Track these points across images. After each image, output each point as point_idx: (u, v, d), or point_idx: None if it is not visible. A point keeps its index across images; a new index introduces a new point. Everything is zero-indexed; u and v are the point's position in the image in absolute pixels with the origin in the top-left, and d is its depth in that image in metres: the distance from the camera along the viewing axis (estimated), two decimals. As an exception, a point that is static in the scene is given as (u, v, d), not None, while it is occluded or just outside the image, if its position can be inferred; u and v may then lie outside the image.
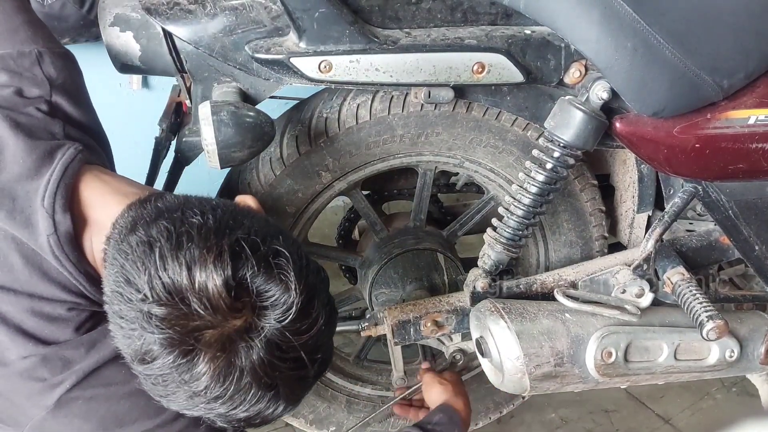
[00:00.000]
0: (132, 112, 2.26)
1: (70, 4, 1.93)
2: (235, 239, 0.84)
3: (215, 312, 0.81)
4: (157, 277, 0.81)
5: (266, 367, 0.84)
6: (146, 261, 0.83)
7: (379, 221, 1.54)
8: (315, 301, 0.88)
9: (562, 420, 1.89)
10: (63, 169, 0.94)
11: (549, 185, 1.24)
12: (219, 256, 0.82)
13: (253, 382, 0.84)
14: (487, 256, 1.32)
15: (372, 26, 1.13)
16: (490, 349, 1.27)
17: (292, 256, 0.86)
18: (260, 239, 0.86)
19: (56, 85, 1.06)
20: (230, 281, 0.81)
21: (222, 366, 0.83)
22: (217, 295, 0.81)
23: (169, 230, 0.85)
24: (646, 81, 1.11)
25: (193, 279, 0.81)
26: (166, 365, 0.82)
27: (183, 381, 0.83)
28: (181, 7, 1.13)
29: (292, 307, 0.84)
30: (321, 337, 0.90)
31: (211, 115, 1.10)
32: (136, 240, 0.85)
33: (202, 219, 0.86)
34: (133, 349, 0.84)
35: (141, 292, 0.82)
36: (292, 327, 0.85)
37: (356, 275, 1.65)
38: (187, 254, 0.82)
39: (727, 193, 1.27)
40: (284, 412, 0.93)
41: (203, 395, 0.84)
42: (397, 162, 1.38)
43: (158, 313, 0.81)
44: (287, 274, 0.84)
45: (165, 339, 0.81)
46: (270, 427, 1.79)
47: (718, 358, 1.32)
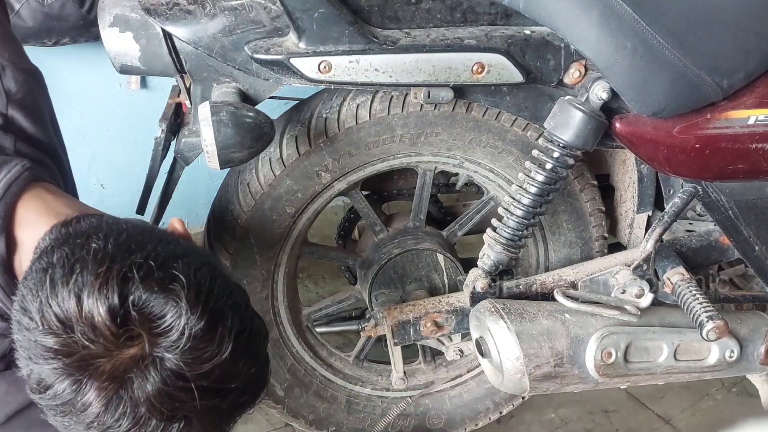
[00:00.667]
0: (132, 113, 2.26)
1: (70, 4, 1.93)
2: (128, 264, 0.81)
3: (103, 339, 0.79)
4: (47, 305, 0.79)
5: (164, 397, 0.80)
6: (39, 289, 0.81)
7: (379, 221, 1.54)
8: (219, 328, 0.83)
9: (562, 420, 1.89)
10: (5, 188, 0.92)
11: (549, 185, 1.24)
12: (105, 282, 0.79)
13: (151, 414, 0.81)
14: (486, 257, 1.32)
15: (371, 26, 1.13)
16: (490, 350, 1.27)
17: (190, 281, 0.82)
18: (158, 264, 0.83)
19: (14, 99, 1.05)
20: (116, 308, 0.79)
21: (111, 396, 0.79)
22: (101, 323, 0.78)
23: (67, 257, 0.83)
24: (645, 81, 1.11)
25: (81, 307, 0.78)
26: (59, 395, 0.80)
27: (75, 412, 0.80)
28: (181, 7, 1.13)
29: (184, 333, 0.80)
30: (233, 367, 0.85)
31: (211, 116, 1.10)
32: (37, 267, 0.84)
33: (102, 244, 0.84)
34: (30, 379, 0.82)
35: (33, 320, 0.80)
36: (191, 355, 0.81)
37: (356, 275, 1.65)
38: (78, 280, 0.80)
39: (727, 193, 1.27)
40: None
41: (96, 427, 0.81)
42: (396, 162, 1.38)
43: (46, 342, 0.79)
44: (178, 300, 0.80)
45: (53, 369, 0.79)
46: (270, 426, 1.80)
47: (718, 358, 1.32)
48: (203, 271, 0.86)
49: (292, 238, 1.43)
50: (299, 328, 1.59)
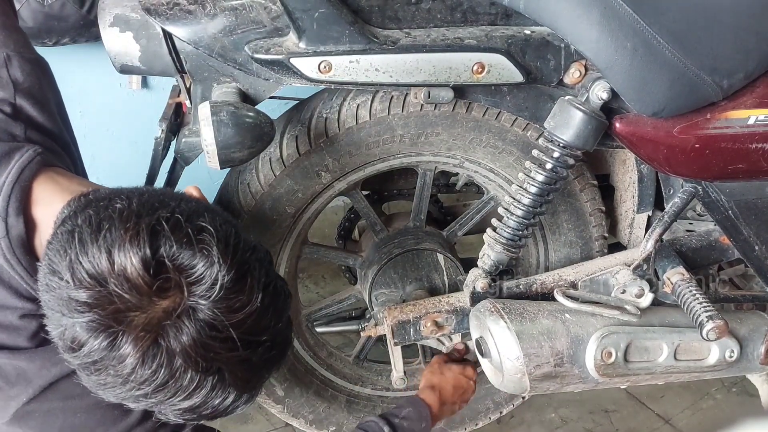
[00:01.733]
0: (132, 112, 2.26)
1: (70, 4, 1.93)
2: (155, 218, 0.83)
3: (137, 292, 0.80)
4: (77, 262, 0.81)
5: (198, 347, 0.82)
6: (68, 248, 0.82)
7: (379, 221, 1.54)
8: (248, 279, 0.86)
9: (562, 420, 1.89)
10: (19, 171, 0.94)
11: (549, 185, 1.24)
12: (136, 234, 0.81)
13: (188, 365, 0.82)
14: (486, 257, 1.32)
15: (372, 26, 1.13)
16: (490, 350, 1.27)
17: (218, 233, 0.85)
18: (184, 218, 0.85)
19: (21, 88, 1.06)
20: (148, 259, 0.80)
21: (147, 346, 0.80)
22: (135, 274, 0.79)
23: (92, 217, 0.84)
24: (646, 81, 1.11)
25: (112, 261, 0.80)
26: (93, 351, 0.81)
27: (111, 366, 0.81)
28: (181, 7, 1.13)
29: (217, 282, 0.82)
30: (262, 318, 0.87)
31: (211, 116, 1.10)
32: (62, 230, 0.85)
33: (126, 203, 0.86)
34: (62, 339, 0.83)
35: (63, 279, 0.81)
36: (223, 304, 0.82)
37: (356, 275, 1.65)
38: (107, 237, 0.81)
39: (727, 193, 1.27)
40: (240, 402, 0.90)
41: (133, 380, 0.82)
42: (397, 162, 1.38)
43: (79, 297, 0.80)
44: (209, 249, 0.82)
45: (88, 323, 0.80)
46: (270, 426, 1.80)
47: (718, 358, 1.32)
48: (227, 225, 0.88)
49: (292, 238, 1.43)
50: (299, 328, 1.59)
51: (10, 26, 1.13)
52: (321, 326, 1.89)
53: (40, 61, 1.14)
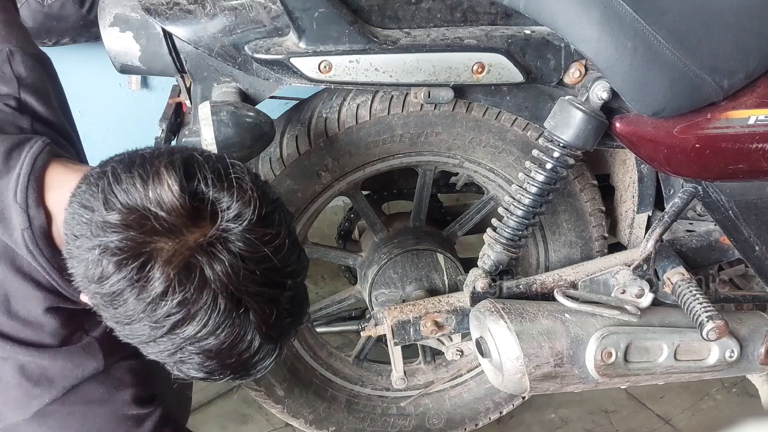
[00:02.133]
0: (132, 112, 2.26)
1: (70, 4, 1.93)
2: (188, 153, 0.85)
3: (172, 216, 0.80)
4: (111, 192, 0.81)
5: (231, 276, 0.81)
6: (100, 182, 0.82)
7: (379, 221, 1.54)
8: (275, 215, 0.86)
9: (561, 420, 1.89)
10: (32, 161, 0.94)
11: (549, 185, 1.24)
12: (171, 164, 0.81)
13: (219, 294, 0.81)
14: (486, 257, 1.32)
15: (372, 26, 1.13)
16: (490, 350, 1.27)
17: (248, 170, 0.86)
18: (214, 155, 0.87)
19: (25, 83, 1.07)
20: (184, 185, 0.80)
21: (180, 269, 0.80)
22: (172, 198, 0.80)
23: (124, 158, 0.85)
24: (646, 81, 1.11)
25: (148, 188, 0.80)
26: (123, 277, 0.80)
27: (140, 290, 0.80)
28: (181, 7, 1.13)
29: (249, 208, 0.82)
30: (288, 259, 0.87)
31: (211, 115, 1.10)
32: (93, 173, 0.86)
33: (153, 148, 0.87)
34: (90, 271, 0.82)
35: (96, 210, 0.81)
36: (254, 233, 0.83)
37: (356, 275, 1.65)
38: (141, 168, 0.82)
39: (727, 193, 1.27)
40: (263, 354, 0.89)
41: (161, 308, 0.80)
42: (396, 162, 1.38)
43: (113, 219, 0.80)
44: (242, 179, 0.84)
45: (121, 242, 0.79)
46: (270, 426, 1.80)
47: (718, 358, 1.32)
48: (256, 173, 0.90)
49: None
50: (299, 328, 1.58)
51: (12, 22, 1.14)
52: (321, 326, 1.89)
53: (42, 56, 1.14)
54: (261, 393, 1.55)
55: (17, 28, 1.14)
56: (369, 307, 1.57)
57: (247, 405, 1.85)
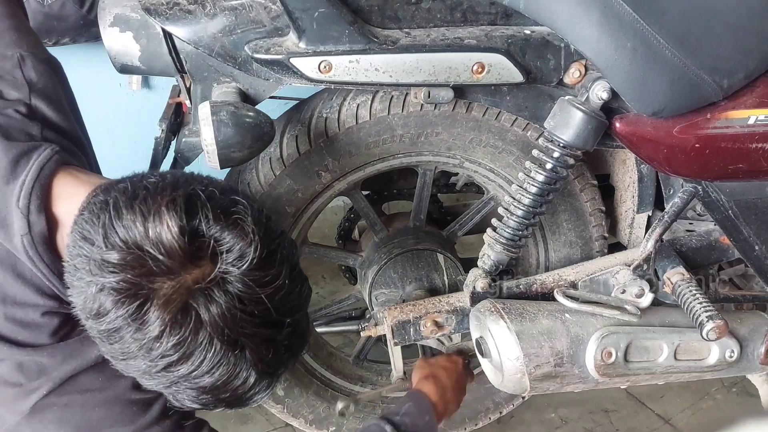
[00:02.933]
0: (132, 112, 2.26)
1: (70, 4, 1.93)
2: (191, 189, 0.84)
3: (170, 257, 0.80)
4: (111, 227, 0.81)
5: (227, 319, 0.82)
6: (102, 215, 0.82)
7: (379, 221, 1.54)
8: (277, 254, 0.87)
9: (562, 420, 1.89)
10: (39, 169, 0.93)
11: (549, 185, 1.24)
12: (173, 201, 0.81)
13: (214, 336, 0.82)
14: (486, 257, 1.32)
15: (372, 26, 1.13)
16: (490, 350, 1.27)
17: (251, 207, 0.86)
18: (218, 191, 0.86)
19: (36, 89, 1.06)
20: (184, 226, 0.80)
21: (176, 312, 0.80)
22: (171, 239, 0.80)
23: (127, 188, 0.85)
24: (646, 81, 1.11)
25: (147, 227, 0.80)
26: (120, 316, 0.80)
27: (136, 329, 0.80)
28: (181, 7, 1.13)
29: (249, 253, 0.82)
30: (288, 298, 0.88)
31: (211, 116, 1.10)
32: (95, 201, 0.86)
33: (159, 178, 0.87)
34: (86, 306, 0.82)
35: (95, 244, 0.81)
36: (253, 277, 0.83)
37: (356, 275, 1.65)
38: (143, 204, 0.81)
39: (727, 193, 1.27)
40: (258, 388, 0.89)
41: (157, 348, 0.81)
42: (396, 162, 1.38)
43: (111, 258, 0.80)
44: (244, 219, 0.83)
45: (117, 283, 0.79)
46: (270, 426, 1.80)
47: (718, 358, 1.32)
48: (258, 204, 0.90)
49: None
50: (299, 328, 1.58)
51: (22, 27, 1.13)
52: (321, 326, 1.89)
53: (53, 60, 1.14)
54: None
55: (27, 33, 1.13)
56: (369, 307, 1.57)
57: (247, 405, 1.84)
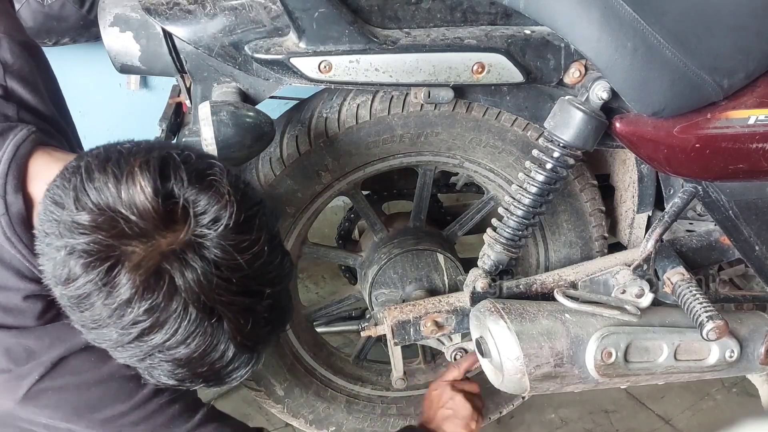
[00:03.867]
0: (132, 112, 2.26)
1: (70, 4, 1.93)
2: (166, 152, 0.81)
3: (144, 220, 0.77)
4: (82, 190, 0.78)
5: (203, 285, 0.78)
6: (73, 178, 0.80)
7: (379, 221, 1.54)
8: (255, 220, 0.83)
9: (561, 420, 1.89)
10: (15, 149, 0.92)
11: (549, 185, 1.24)
12: (146, 163, 0.78)
13: (189, 302, 0.78)
14: (486, 257, 1.32)
15: (371, 26, 1.13)
16: (490, 350, 1.27)
17: (227, 172, 0.83)
18: (194, 155, 0.84)
19: (11, 70, 1.05)
20: (158, 187, 0.78)
21: (149, 275, 0.77)
22: (144, 201, 0.77)
23: (100, 153, 0.83)
24: (646, 81, 1.11)
25: (120, 189, 0.77)
26: (90, 280, 0.77)
27: (107, 294, 0.77)
28: (181, 7, 1.13)
29: (225, 212, 0.79)
30: (267, 267, 0.84)
31: (211, 115, 1.10)
32: (68, 166, 0.83)
33: (133, 144, 0.84)
34: (57, 271, 0.80)
35: (66, 207, 0.79)
36: (231, 240, 0.79)
37: (356, 275, 1.65)
38: (115, 167, 0.79)
39: (727, 193, 1.27)
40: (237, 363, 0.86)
41: (129, 315, 0.78)
42: (397, 162, 1.38)
43: (81, 219, 0.77)
44: (219, 181, 0.80)
45: (87, 244, 0.76)
46: (270, 426, 1.80)
47: (718, 358, 1.32)
48: (236, 171, 0.86)
49: (292, 238, 1.43)
50: (299, 328, 1.59)
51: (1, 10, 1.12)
52: (321, 326, 1.89)
53: (31, 43, 1.13)
54: (261, 393, 1.55)
55: (5, 15, 1.12)
56: (369, 307, 1.57)
57: (247, 405, 1.85)
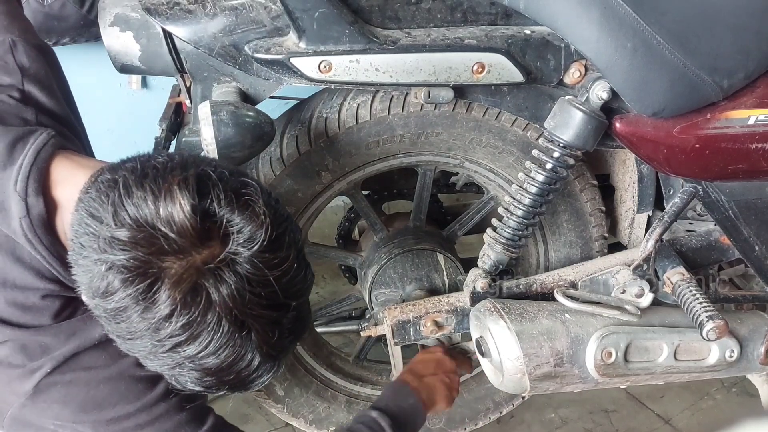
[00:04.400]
0: (132, 112, 2.26)
1: (70, 4, 1.93)
2: (201, 170, 0.83)
3: (182, 237, 0.79)
4: (121, 205, 0.80)
5: (236, 300, 0.81)
6: (110, 193, 0.81)
7: (379, 221, 1.54)
8: (285, 237, 0.86)
9: (561, 420, 1.89)
10: (36, 152, 0.93)
11: (549, 185, 1.24)
12: (184, 181, 0.80)
13: (223, 316, 0.81)
14: (486, 256, 1.32)
15: (372, 26, 1.13)
16: (490, 349, 1.27)
17: (262, 190, 0.86)
18: (228, 172, 0.86)
19: (28, 74, 1.06)
20: (196, 205, 0.80)
21: (186, 292, 0.79)
22: (182, 218, 0.79)
23: (136, 167, 0.84)
24: (646, 81, 1.11)
25: (159, 205, 0.79)
26: (128, 295, 0.79)
27: (144, 309, 0.80)
28: (181, 7, 1.13)
29: (261, 232, 0.82)
30: (295, 281, 0.87)
31: (211, 115, 1.10)
32: (102, 179, 0.85)
33: (167, 158, 0.86)
34: (95, 284, 0.81)
35: (103, 222, 0.80)
36: (263, 258, 0.82)
37: (356, 275, 1.65)
38: (153, 183, 0.81)
39: (727, 193, 1.27)
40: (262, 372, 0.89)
41: (165, 328, 0.80)
42: (397, 162, 1.38)
43: (122, 236, 0.79)
44: (255, 201, 0.83)
45: (127, 261, 0.78)
46: (270, 426, 1.80)
47: (718, 358, 1.32)
48: (266, 187, 0.89)
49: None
50: (299, 328, 1.58)
51: (13, 12, 1.13)
52: (321, 326, 1.89)
53: (45, 46, 1.13)
54: (261, 393, 1.55)
55: (19, 18, 1.13)
56: (369, 307, 1.57)
57: (247, 405, 1.85)
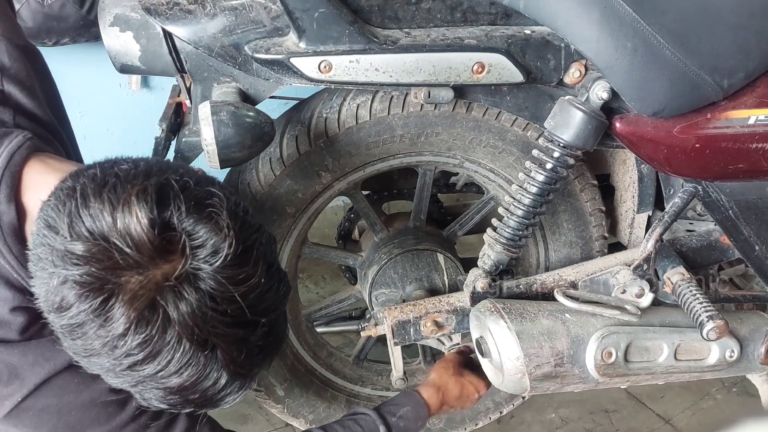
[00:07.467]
0: (132, 112, 2.26)
1: (70, 4, 1.93)
2: (164, 179, 0.80)
3: (138, 250, 0.75)
4: (77, 216, 0.77)
5: (197, 318, 0.77)
6: (68, 202, 0.78)
7: (379, 221, 1.54)
8: (254, 251, 0.82)
9: (562, 420, 1.89)
10: (9, 156, 0.90)
11: (549, 185, 1.24)
12: (143, 191, 0.77)
13: (183, 335, 0.77)
14: (487, 256, 1.32)
15: (372, 26, 1.13)
16: (490, 349, 1.27)
17: (228, 201, 0.81)
18: (193, 181, 0.82)
19: (8, 74, 1.03)
20: (155, 218, 0.76)
21: (143, 309, 0.76)
22: (140, 231, 0.75)
23: (96, 175, 0.81)
24: (646, 81, 1.11)
25: (116, 217, 0.76)
26: (82, 311, 0.76)
27: (100, 328, 0.76)
28: (181, 7, 1.13)
29: (223, 249, 0.78)
30: (263, 297, 0.83)
31: (211, 115, 1.10)
32: (62, 187, 0.82)
33: (132, 165, 0.82)
34: (50, 297, 0.78)
35: (60, 233, 0.77)
36: (227, 274, 0.78)
37: (356, 275, 1.65)
38: (112, 192, 0.77)
39: (727, 193, 1.27)
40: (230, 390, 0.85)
41: (122, 346, 0.77)
42: (397, 162, 1.38)
43: (76, 249, 0.76)
44: (218, 214, 0.79)
45: (81, 277, 0.75)
46: (270, 426, 1.80)
47: (718, 358, 1.32)
48: (235, 197, 0.85)
49: (292, 238, 1.43)
50: (299, 328, 1.59)
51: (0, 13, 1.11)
52: (321, 326, 1.89)
53: (30, 47, 1.11)
54: (261, 393, 1.55)
55: (4, 18, 1.11)
56: (369, 307, 1.57)
57: (247, 405, 1.85)
